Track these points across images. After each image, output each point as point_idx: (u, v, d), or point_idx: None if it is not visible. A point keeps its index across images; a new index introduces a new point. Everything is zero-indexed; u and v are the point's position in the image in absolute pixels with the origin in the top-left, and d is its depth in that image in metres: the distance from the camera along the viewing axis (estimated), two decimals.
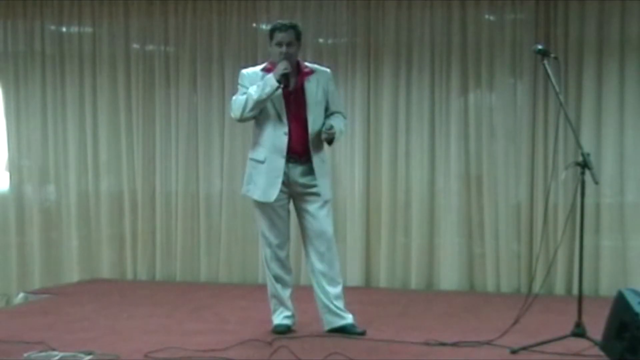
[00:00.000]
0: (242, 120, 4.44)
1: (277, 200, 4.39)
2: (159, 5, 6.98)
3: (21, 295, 6.42)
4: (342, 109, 4.68)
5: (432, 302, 5.77)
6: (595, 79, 6.18)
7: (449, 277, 6.40)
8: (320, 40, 6.71)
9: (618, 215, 6.15)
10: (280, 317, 4.56)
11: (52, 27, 7.19)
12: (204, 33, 6.91)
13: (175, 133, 6.97)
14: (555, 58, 4.27)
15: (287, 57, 4.33)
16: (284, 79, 4.28)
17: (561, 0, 6.22)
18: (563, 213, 6.08)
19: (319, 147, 4.47)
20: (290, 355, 3.87)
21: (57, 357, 3.82)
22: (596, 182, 3.98)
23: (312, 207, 4.47)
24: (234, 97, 4.46)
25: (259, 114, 4.40)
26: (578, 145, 4.23)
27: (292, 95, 4.42)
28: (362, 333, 4.45)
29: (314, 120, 4.42)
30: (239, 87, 4.47)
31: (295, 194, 4.47)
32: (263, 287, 6.52)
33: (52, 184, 7.21)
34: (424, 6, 6.50)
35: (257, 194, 4.43)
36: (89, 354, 3.86)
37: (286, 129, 4.38)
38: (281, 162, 4.36)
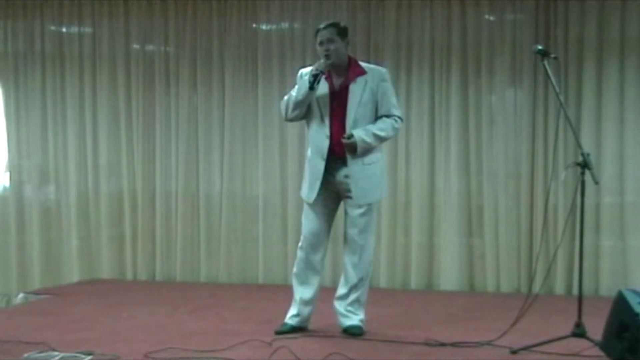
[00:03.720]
0: (288, 120, 4.50)
1: (316, 199, 4.40)
2: (159, 5, 6.98)
3: (21, 295, 6.41)
4: (395, 111, 4.44)
5: (432, 302, 5.76)
6: (595, 79, 6.18)
7: (449, 277, 6.40)
8: None
9: (618, 215, 6.15)
10: (287, 316, 4.58)
11: (52, 27, 7.19)
12: (204, 33, 6.91)
13: (175, 133, 6.97)
14: (555, 58, 4.26)
15: (329, 54, 4.27)
16: (314, 79, 4.23)
17: (561, 0, 6.23)
18: (563, 213, 6.08)
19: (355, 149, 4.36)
20: (290, 355, 3.86)
21: (57, 358, 3.82)
22: (596, 182, 3.97)
23: (350, 210, 4.46)
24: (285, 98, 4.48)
25: (308, 114, 4.40)
26: (578, 145, 4.23)
27: (337, 96, 4.37)
28: (360, 334, 4.42)
29: (354, 122, 4.32)
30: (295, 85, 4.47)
31: (340, 194, 4.47)
32: (263, 287, 6.58)
33: (52, 184, 7.21)
34: (424, 6, 6.50)
35: (303, 193, 4.50)
36: (89, 354, 3.86)
37: (328, 131, 4.34)
38: (321, 163, 4.35)
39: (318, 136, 4.38)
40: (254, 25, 6.86)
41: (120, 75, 7.06)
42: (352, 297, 4.49)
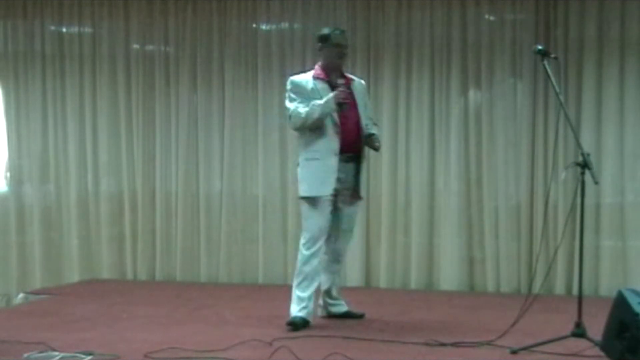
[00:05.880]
0: (298, 130, 4.65)
1: (327, 196, 4.57)
2: (159, 5, 6.98)
3: (21, 295, 6.42)
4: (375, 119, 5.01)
5: (432, 302, 5.76)
6: (595, 79, 6.18)
7: (449, 277, 6.40)
8: None
9: (618, 215, 6.15)
10: (296, 309, 4.66)
11: (52, 27, 7.20)
12: (204, 33, 6.91)
13: (175, 133, 6.97)
14: (555, 58, 4.27)
15: (344, 57, 4.73)
16: (339, 106, 4.50)
17: (561, 0, 6.23)
18: (563, 213, 6.08)
19: (364, 147, 4.73)
20: (290, 355, 3.86)
21: (57, 358, 3.82)
22: (596, 182, 3.97)
23: (345, 207, 4.73)
24: (292, 106, 4.61)
25: None
26: (578, 145, 4.23)
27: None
28: (362, 315, 4.91)
29: (364, 120, 4.72)
30: (291, 94, 4.64)
31: (341, 191, 4.65)
32: (263, 287, 6.58)
33: (52, 184, 7.21)
34: (424, 6, 6.50)
35: (311, 191, 4.59)
36: (89, 354, 3.85)
37: (338, 129, 4.55)
38: (334, 159, 4.54)
39: (329, 134, 4.56)
40: (254, 25, 6.86)
41: (120, 75, 7.06)
42: (337, 284, 4.90)
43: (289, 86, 4.69)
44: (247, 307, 5.50)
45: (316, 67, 4.78)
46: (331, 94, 4.54)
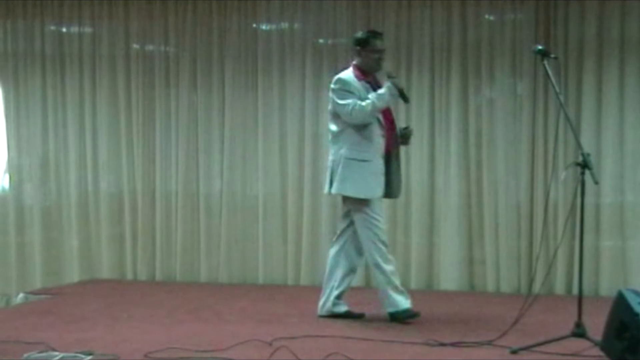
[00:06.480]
0: (359, 124, 4.71)
1: (379, 197, 4.78)
2: (159, 5, 6.98)
3: (21, 295, 6.41)
4: None
5: (432, 302, 5.76)
6: (595, 79, 6.18)
7: (449, 277, 6.40)
8: (320, 40, 6.71)
9: (618, 215, 6.15)
10: (407, 301, 4.82)
11: (52, 27, 7.19)
12: (204, 33, 6.91)
13: (175, 133, 6.97)
14: (555, 58, 4.28)
15: (382, 62, 4.86)
16: (401, 93, 4.78)
17: (561, 0, 6.23)
18: (563, 213, 6.08)
19: (398, 148, 4.94)
20: (290, 355, 3.87)
21: (57, 357, 3.82)
22: (596, 182, 3.98)
23: None
24: (350, 101, 4.68)
25: None
26: (578, 145, 4.23)
27: None
28: (362, 315, 4.98)
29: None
30: (343, 92, 4.74)
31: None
32: (263, 287, 6.58)
33: (52, 184, 7.21)
34: (424, 6, 6.50)
35: (364, 192, 4.69)
36: (89, 354, 3.86)
37: (383, 131, 4.77)
38: (381, 161, 4.78)
39: (376, 136, 4.74)
40: (254, 25, 6.86)
41: (120, 75, 7.05)
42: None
43: (338, 84, 4.77)
44: (247, 307, 5.50)
45: (353, 68, 4.86)
46: (388, 82, 4.70)
